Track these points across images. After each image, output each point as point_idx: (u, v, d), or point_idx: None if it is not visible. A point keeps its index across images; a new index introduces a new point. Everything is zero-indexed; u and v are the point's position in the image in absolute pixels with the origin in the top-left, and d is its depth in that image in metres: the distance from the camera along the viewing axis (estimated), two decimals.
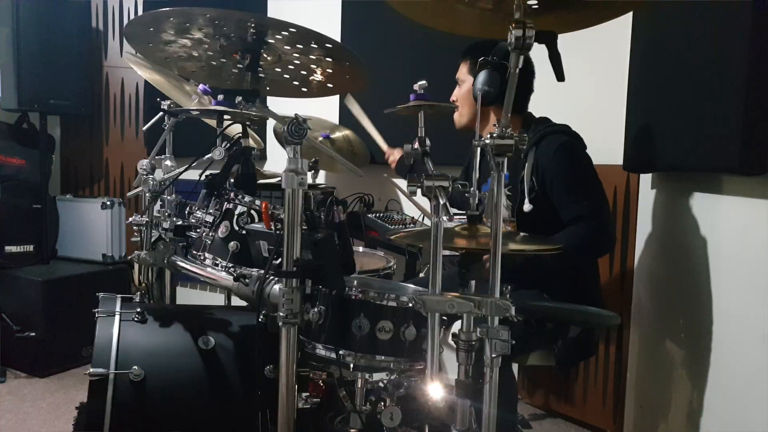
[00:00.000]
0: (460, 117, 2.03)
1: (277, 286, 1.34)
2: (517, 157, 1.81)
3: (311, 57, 1.53)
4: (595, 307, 1.68)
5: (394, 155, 2.62)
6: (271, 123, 2.88)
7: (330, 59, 1.53)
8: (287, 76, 1.68)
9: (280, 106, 1.62)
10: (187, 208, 1.71)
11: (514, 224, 1.82)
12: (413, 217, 2.53)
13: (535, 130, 1.86)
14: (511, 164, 1.62)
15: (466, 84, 2.01)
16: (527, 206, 1.77)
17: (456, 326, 1.21)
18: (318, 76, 1.66)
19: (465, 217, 1.30)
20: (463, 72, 2.04)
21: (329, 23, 3.08)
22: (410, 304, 1.31)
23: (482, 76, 1.70)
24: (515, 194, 1.82)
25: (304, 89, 1.77)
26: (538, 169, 1.79)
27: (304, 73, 1.65)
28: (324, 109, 2.93)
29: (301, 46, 1.47)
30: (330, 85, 1.72)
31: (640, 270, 2.33)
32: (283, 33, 1.40)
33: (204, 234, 1.57)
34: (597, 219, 1.74)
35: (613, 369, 2.45)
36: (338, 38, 2.97)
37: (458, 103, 2.03)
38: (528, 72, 1.90)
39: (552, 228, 1.76)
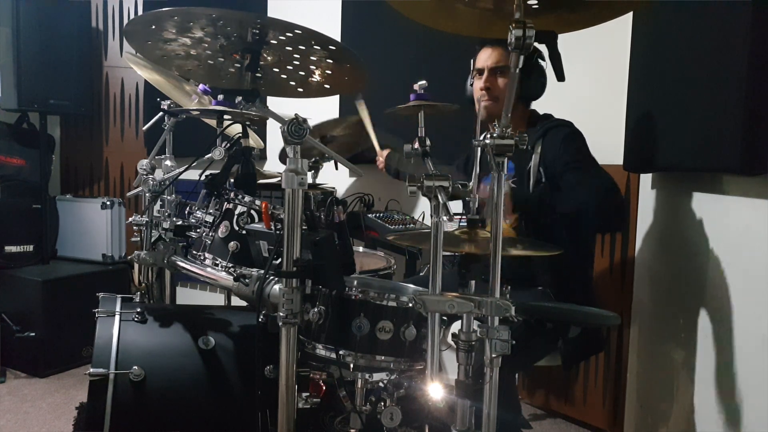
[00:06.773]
0: (497, 107, 1.86)
1: (277, 286, 1.34)
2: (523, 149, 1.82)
3: (311, 58, 1.53)
4: (591, 305, 1.67)
5: (382, 156, 2.60)
6: (271, 123, 2.87)
7: (331, 60, 1.53)
8: (285, 77, 1.68)
9: (281, 105, 1.62)
10: (187, 208, 1.71)
11: (515, 217, 1.81)
12: (413, 217, 2.53)
13: (541, 125, 1.89)
14: (516, 155, 1.59)
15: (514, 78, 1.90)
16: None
17: (456, 326, 1.21)
18: (317, 77, 1.66)
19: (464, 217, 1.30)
20: (512, 63, 1.95)
21: (329, 23, 3.08)
22: (410, 304, 1.31)
23: (534, 77, 1.79)
24: (521, 185, 1.84)
25: (301, 89, 1.77)
26: (545, 159, 1.81)
27: (303, 73, 1.65)
28: (324, 108, 2.93)
29: (303, 47, 1.47)
30: (327, 86, 1.73)
31: (640, 270, 2.33)
32: (287, 34, 1.40)
33: (204, 234, 1.57)
34: (600, 178, 1.76)
35: (613, 369, 2.45)
36: (338, 38, 2.97)
37: (496, 94, 1.88)
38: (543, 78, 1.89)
39: (554, 222, 1.76)
